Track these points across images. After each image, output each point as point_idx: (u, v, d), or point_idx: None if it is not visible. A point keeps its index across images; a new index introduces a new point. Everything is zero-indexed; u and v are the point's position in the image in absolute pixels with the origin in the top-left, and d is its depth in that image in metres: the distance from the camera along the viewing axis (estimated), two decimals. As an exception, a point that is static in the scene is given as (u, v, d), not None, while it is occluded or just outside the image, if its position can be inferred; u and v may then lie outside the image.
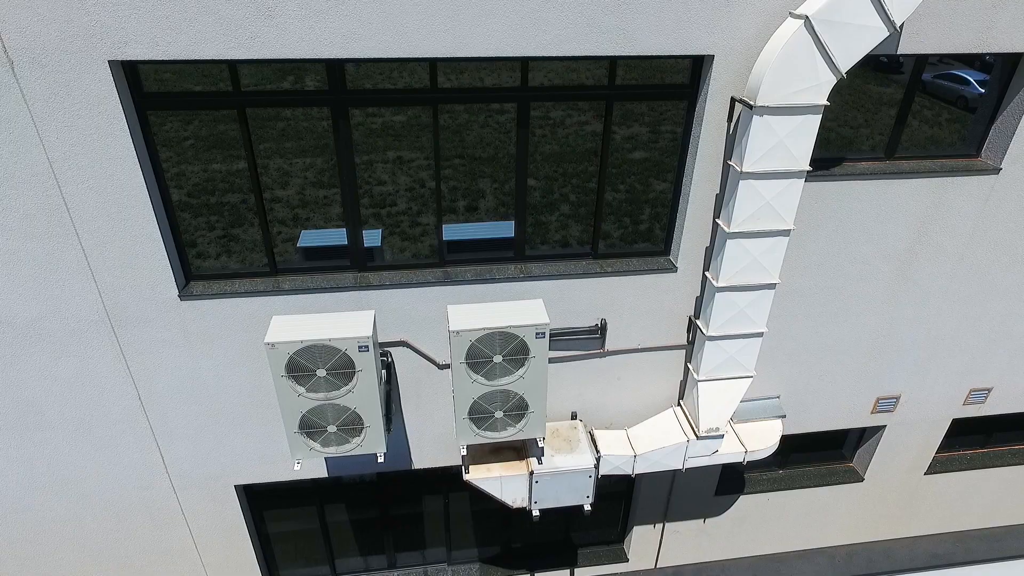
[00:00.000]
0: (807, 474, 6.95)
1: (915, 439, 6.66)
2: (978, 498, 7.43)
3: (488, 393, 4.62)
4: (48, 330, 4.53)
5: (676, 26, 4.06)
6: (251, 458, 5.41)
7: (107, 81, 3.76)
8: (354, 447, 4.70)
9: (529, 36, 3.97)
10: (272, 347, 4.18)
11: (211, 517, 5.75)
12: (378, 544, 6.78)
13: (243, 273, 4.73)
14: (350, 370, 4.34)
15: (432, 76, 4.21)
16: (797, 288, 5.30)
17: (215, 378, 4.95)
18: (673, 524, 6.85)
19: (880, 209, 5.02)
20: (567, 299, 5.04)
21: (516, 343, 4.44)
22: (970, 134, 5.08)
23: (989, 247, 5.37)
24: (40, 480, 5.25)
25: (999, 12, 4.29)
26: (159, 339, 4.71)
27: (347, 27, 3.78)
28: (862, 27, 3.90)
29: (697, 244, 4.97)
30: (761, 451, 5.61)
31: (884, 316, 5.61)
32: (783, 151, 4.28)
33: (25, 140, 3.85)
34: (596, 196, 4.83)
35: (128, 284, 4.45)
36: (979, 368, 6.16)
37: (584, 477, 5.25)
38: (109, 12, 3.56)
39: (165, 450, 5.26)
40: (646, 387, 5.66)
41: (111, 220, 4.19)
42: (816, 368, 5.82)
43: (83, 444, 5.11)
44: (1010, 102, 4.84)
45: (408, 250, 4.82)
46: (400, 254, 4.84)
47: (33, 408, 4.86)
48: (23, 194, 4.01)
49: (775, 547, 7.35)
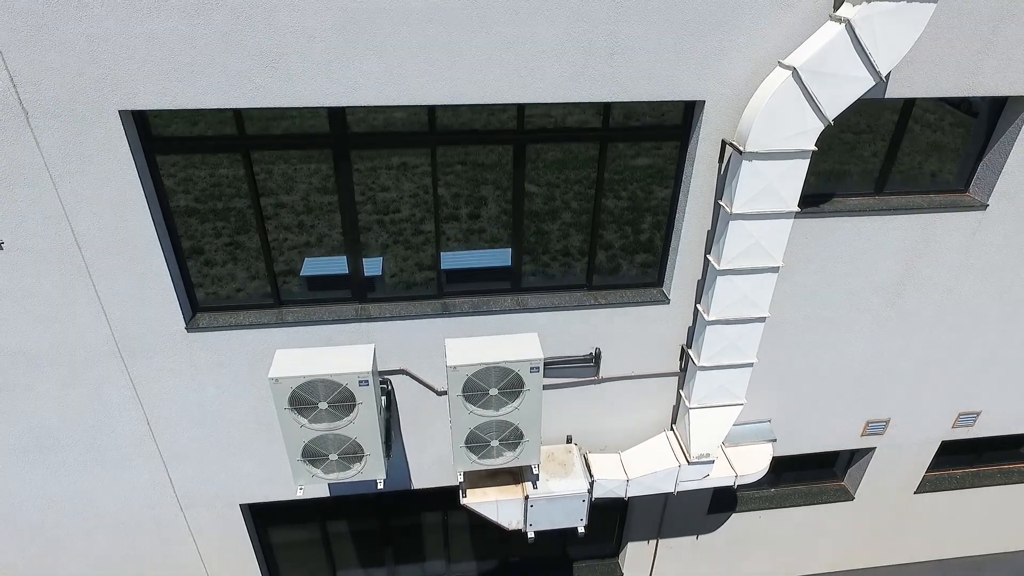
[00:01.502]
0: (798, 493, 7.10)
1: (905, 460, 6.79)
2: (967, 517, 7.57)
3: (484, 423, 4.77)
4: (61, 360, 4.70)
5: (668, 74, 4.18)
6: (255, 479, 5.59)
7: (117, 129, 3.90)
8: (355, 474, 4.86)
9: (525, 83, 4.09)
10: (276, 381, 4.34)
11: (217, 533, 5.94)
12: (379, 557, 6.96)
13: (247, 305, 4.89)
14: (351, 403, 4.50)
15: (431, 119, 4.34)
16: (788, 319, 5.43)
17: (220, 404, 5.12)
18: (667, 540, 7.02)
19: (869, 243, 5.14)
20: (562, 330, 5.18)
21: (511, 377, 4.59)
22: (959, 170, 5.19)
23: (976, 278, 5.48)
24: (54, 498, 5.44)
25: (985, 58, 4.39)
26: (167, 368, 4.88)
27: (349, 78, 3.92)
28: (849, 77, 4.01)
29: (689, 277, 5.10)
30: (751, 475, 5.75)
31: (873, 344, 5.74)
32: (772, 193, 4.40)
33: (39, 185, 4.01)
34: (591, 232, 4.97)
35: (137, 318, 4.61)
36: (968, 393, 6.28)
37: (578, 501, 5.41)
38: (120, 65, 3.70)
39: (172, 471, 5.44)
40: (639, 412, 5.80)
41: (121, 258, 4.35)
42: (806, 393, 5.96)
43: (94, 466, 5.29)
44: (997, 141, 4.94)
45: (411, 259, 4.93)
46: (403, 262, 4.93)
47: (47, 432, 5.04)
48: (37, 235, 4.17)
49: (765, 567, 7.51)
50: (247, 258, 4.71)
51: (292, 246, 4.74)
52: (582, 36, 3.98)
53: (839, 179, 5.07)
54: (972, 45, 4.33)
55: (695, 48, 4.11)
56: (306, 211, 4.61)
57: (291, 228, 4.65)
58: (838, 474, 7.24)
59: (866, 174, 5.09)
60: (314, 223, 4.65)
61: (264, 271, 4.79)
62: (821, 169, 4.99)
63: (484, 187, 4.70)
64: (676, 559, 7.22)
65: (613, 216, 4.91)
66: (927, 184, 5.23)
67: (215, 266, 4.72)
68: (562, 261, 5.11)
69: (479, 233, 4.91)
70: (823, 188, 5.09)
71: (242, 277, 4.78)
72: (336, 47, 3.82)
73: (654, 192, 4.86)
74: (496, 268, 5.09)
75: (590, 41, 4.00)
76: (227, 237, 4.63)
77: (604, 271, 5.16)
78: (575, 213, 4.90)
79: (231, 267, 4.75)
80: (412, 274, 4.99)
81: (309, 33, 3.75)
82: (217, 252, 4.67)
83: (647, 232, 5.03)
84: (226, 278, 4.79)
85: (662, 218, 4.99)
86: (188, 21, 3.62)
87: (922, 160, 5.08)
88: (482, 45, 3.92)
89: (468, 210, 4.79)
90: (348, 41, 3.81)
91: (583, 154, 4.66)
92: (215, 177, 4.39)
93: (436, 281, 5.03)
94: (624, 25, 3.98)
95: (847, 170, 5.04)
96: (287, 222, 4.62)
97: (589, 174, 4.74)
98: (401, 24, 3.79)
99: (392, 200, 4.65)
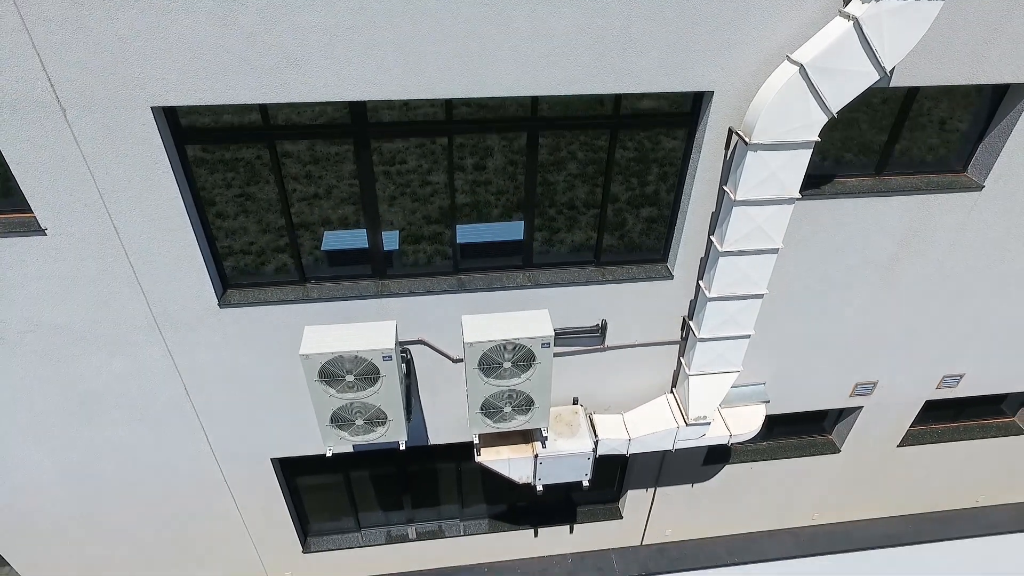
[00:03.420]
0: (788, 446, 7.59)
1: (890, 417, 7.23)
2: (942, 471, 8.09)
3: (498, 392, 5.15)
4: (104, 334, 5.04)
5: (680, 66, 4.29)
6: (285, 436, 6.05)
7: (149, 123, 4.08)
8: (379, 436, 5.29)
9: (541, 77, 4.22)
10: (307, 357, 4.69)
11: (251, 484, 6.47)
12: (397, 502, 7.55)
13: (274, 282, 5.18)
14: (375, 375, 4.86)
15: (448, 108, 4.49)
16: (784, 292, 5.70)
17: (252, 371, 5.50)
18: (664, 488, 7.57)
19: (867, 223, 5.35)
20: (572, 303, 5.48)
21: (524, 352, 4.93)
22: (959, 150, 5.33)
23: (968, 255, 5.71)
24: (101, 452, 5.92)
25: (990, 47, 4.47)
26: (201, 340, 5.22)
27: (370, 73, 4.05)
28: (854, 73, 4.13)
29: (693, 254, 5.35)
30: (745, 434, 6.19)
31: (866, 315, 6.04)
32: (775, 181, 4.59)
33: (78, 175, 4.22)
34: (600, 209, 5.18)
35: (173, 295, 4.91)
36: (953, 358, 6.64)
37: (583, 459, 5.87)
38: (151, 65, 3.84)
39: (209, 430, 5.89)
40: (642, 376, 6.18)
41: (156, 241, 4.61)
42: (800, 359, 6.31)
43: (137, 425, 5.73)
44: (997, 124, 5.07)
45: (419, 211, 5.05)
46: (411, 215, 5.02)
47: (93, 396, 5.45)
48: (78, 222, 4.42)
49: (755, 513, 8.10)
50: (258, 209, 4.75)
51: (301, 198, 4.76)
52: (597, 31, 4.08)
53: (841, 159, 5.23)
54: (978, 34, 4.40)
55: (706, 42, 4.21)
56: (312, 161, 4.59)
57: (299, 179, 4.64)
58: (827, 429, 7.70)
59: (866, 149, 5.20)
60: (322, 173, 4.64)
61: (289, 249, 5.05)
62: (824, 148, 5.13)
63: (489, 136, 4.66)
64: (672, 504, 7.80)
65: (620, 167, 4.96)
66: (928, 158, 5.34)
67: (227, 218, 4.77)
68: (568, 214, 5.21)
69: (485, 185, 4.97)
70: (825, 168, 5.25)
71: (268, 253, 5.04)
72: (357, 44, 3.94)
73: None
74: (509, 243, 5.30)
75: (604, 35, 4.10)
76: (255, 217, 4.85)
77: (619, 202, 5.13)
78: (581, 164, 4.91)
79: (257, 244, 4.99)
80: (420, 227, 5.11)
81: (331, 32, 3.87)
82: (228, 204, 4.70)
83: (652, 188, 5.06)
84: (252, 254, 5.05)
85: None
86: (216, 23, 3.73)
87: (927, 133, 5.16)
88: (499, 40, 4.03)
89: (474, 160, 4.80)
90: (368, 38, 3.93)
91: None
92: (218, 123, 4.39)
93: (452, 258, 5.29)
94: (638, 20, 4.07)
95: (850, 146, 5.17)
96: (295, 172, 4.61)
97: (594, 119, 4.68)
98: (420, 20, 3.90)
99: (398, 151, 4.66)
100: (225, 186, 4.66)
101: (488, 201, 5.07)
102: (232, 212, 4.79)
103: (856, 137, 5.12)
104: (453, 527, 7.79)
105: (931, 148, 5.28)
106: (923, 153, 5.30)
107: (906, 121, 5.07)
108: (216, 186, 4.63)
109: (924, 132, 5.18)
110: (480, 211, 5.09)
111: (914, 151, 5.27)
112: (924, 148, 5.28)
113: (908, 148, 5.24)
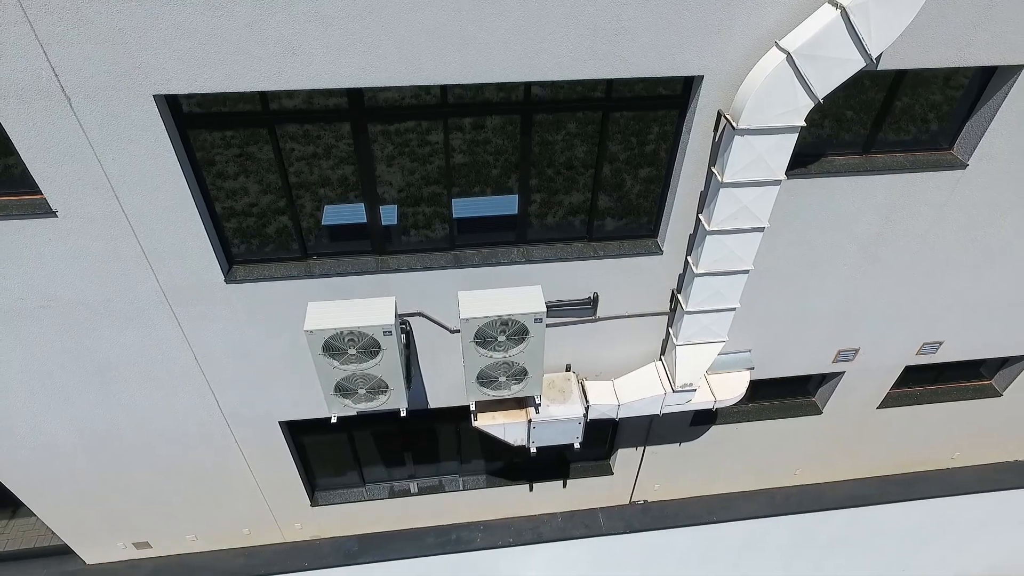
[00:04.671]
0: (772, 407, 7.92)
1: (871, 381, 7.54)
2: (924, 430, 8.46)
3: (493, 363, 5.42)
4: (116, 309, 5.27)
5: (670, 51, 4.37)
6: (291, 402, 6.37)
7: (152, 111, 4.20)
8: (380, 404, 5.59)
9: (534, 63, 4.30)
10: (311, 333, 4.93)
11: (260, 445, 6.83)
12: (399, 459, 7.95)
13: (278, 258, 5.37)
14: (376, 348, 5.12)
15: (442, 92, 4.59)
16: (770, 267, 5.90)
17: (258, 342, 5.76)
18: (653, 447, 7.95)
19: (853, 201, 5.49)
20: (564, 277, 5.68)
21: (517, 326, 5.17)
22: (946, 129, 5.43)
23: (951, 230, 5.88)
24: (117, 418, 6.25)
25: (978, 31, 4.52)
26: (209, 313, 5.46)
27: (365, 61, 4.14)
28: (841, 60, 4.21)
29: (682, 231, 5.52)
30: (729, 400, 6.50)
31: (849, 287, 6.25)
32: (761, 164, 4.72)
33: (85, 160, 4.36)
34: (591, 193, 5.32)
35: (180, 272, 5.12)
36: (933, 326, 6.88)
37: (575, 424, 6.19)
38: (152, 55, 3.93)
39: (219, 396, 6.20)
40: (632, 344, 6.44)
41: (163, 222, 4.78)
42: (784, 329, 6.56)
43: (151, 391, 6.04)
44: (983, 105, 5.15)
45: (418, 172, 5.08)
46: (410, 176, 5.06)
47: (109, 365, 5.73)
48: (87, 204, 4.58)
49: (738, 472, 8.52)
50: (258, 170, 4.80)
51: (300, 157, 4.78)
52: (589, 17, 4.14)
53: (829, 135, 5.33)
54: (967, 18, 4.45)
55: (696, 27, 4.27)
56: (308, 120, 4.61)
57: (297, 138, 4.68)
58: (810, 391, 8.03)
59: (853, 126, 5.30)
60: (320, 134, 4.66)
61: (292, 226, 5.22)
62: (812, 127, 5.23)
63: (487, 89, 4.63)
64: (661, 461, 8.21)
65: (619, 127, 4.98)
66: (915, 133, 5.43)
67: (228, 179, 4.82)
68: (566, 176, 5.28)
69: (483, 145, 4.99)
70: (812, 147, 5.36)
71: (271, 230, 5.22)
72: (352, 32, 4.01)
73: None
74: (504, 218, 5.46)
75: (596, 21, 4.17)
76: (252, 197, 5.00)
77: (617, 161, 5.19)
78: (580, 123, 4.93)
79: (258, 221, 5.16)
80: (419, 188, 5.19)
81: (326, 20, 3.94)
82: (228, 164, 4.75)
83: (659, 127, 5.04)
84: (255, 230, 5.23)
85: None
86: (213, 13, 3.81)
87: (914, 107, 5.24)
88: (492, 26, 4.10)
89: (472, 120, 4.83)
90: (364, 26, 4.00)
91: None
92: (241, 142, 4.65)
93: (449, 235, 5.46)
94: (629, 6, 4.12)
95: (839, 121, 5.26)
96: (292, 132, 4.65)
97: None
98: (414, 8, 3.96)
99: (396, 104, 4.63)
100: (224, 146, 4.72)
101: (487, 161, 5.13)
102: (232, 172, 4.85)
103: (857, 96, 5.11)
104: (452, 482, 8.22)
105: (921, 119, 5.33)
106: (918, 117, 5.31)
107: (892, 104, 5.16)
108: (215, 145, 4.68)
109: (927, 89, 5.16)
110: (479, 172, 5.17)
111: (912, 114, 5.26)
112: (923, 108, 5.28)
113: (909, 107, 5.22)
